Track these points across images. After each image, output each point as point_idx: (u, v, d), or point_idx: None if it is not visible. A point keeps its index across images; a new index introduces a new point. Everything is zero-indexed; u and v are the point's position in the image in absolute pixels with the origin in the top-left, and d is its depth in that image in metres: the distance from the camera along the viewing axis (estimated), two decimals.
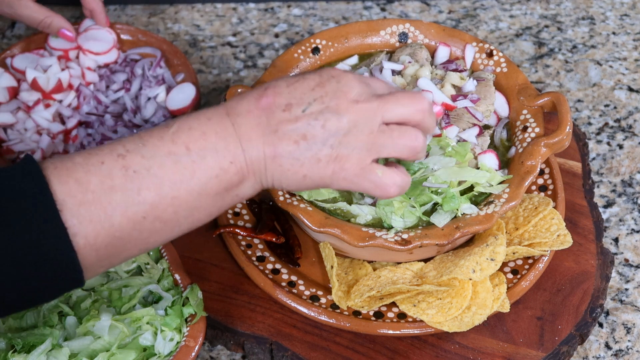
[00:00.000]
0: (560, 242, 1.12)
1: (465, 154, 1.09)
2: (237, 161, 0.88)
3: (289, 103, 0.90)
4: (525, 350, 1.09)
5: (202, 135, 0.87)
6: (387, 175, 0.93)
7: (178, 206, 0.86)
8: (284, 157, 0.89)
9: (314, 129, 0.89)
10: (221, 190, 0.88)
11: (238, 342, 1.11)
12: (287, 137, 0.89)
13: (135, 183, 0.84)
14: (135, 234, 0.85)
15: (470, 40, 1.23)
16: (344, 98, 0.90)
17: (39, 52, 1.38)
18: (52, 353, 1.01)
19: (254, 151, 0.89)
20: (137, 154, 0.85)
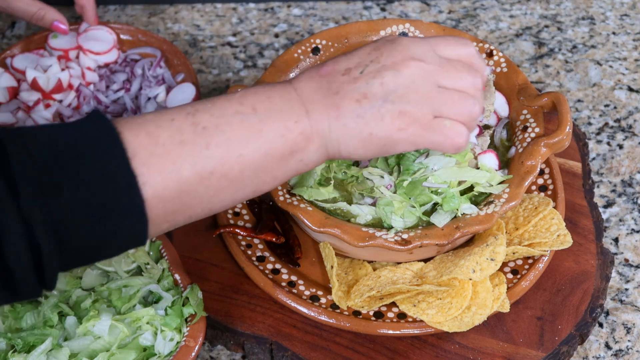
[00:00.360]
0: (560, 242, 1.12)
1: (465, 154, 1.09)
2: (302, 121, 0.89)
3: (348, 67, 0.92)
4: (525, 350, 1.09)
5: (267, 98, 0.90)
6: (454, 127, 0.93)
7: (244, 164, 0.87)
8: (347, 117, 0.90)
9: (373, 87, 0.90)
10: (286, 152, 0.89)
11: (238, 342, 1.11)
12: (348, 96, 0.90)
13: (204, 138, 0.86)
14: (202, 190, 0.86)
15: (470, 40, 1.23)
16: (400, 55, 0.92)
17: (39, 52, 1.38)
18: (52, 353, 1.01)
19: (317, 112, 0.90)
20: (205, 112, 0.87)
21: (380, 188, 1.08)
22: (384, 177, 1.09)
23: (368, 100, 0.90)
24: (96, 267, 1.11)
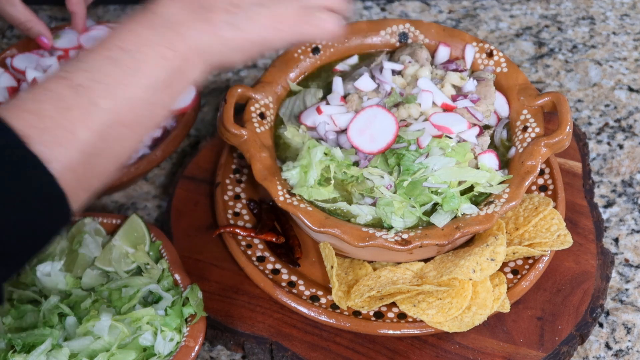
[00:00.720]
0: (561, 242, 1.12)
1: (465, 154, 1.09)
2: (176, 45, 0.88)
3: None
4: (525, 350, 1.09)
5: (132, 33, 0.87)
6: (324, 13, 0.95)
7: (135, 106, 0.86)
8: (221, 28, 0.90)
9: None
10: (169, 79, 0.88)
11: (238, 342, 1.11)
12: (217, 8, 0.90)
13: (87, 96, 0.83)
14: (105, 145, 0.84)
15: (471, 40, 1.23)
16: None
17: (39, 52, 1.38)
18: (52, 353, 1.01)
19: (189, 31, 0.89)
20: (77, 70, 0.85)
21: (380, 188, 1.08)
22: (384, 177, 1.09)
23: (240, 8, 0.91)
24: (96, 267, 1.11)
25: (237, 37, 0.91)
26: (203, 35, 0.89)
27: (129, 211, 1.27)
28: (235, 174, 1.24)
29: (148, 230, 1.14)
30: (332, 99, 1.16)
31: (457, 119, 1.11)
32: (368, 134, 1.09)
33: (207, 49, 0.90)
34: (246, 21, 0.91)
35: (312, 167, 1.08)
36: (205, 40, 0.90)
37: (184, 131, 1.28)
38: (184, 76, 0.89)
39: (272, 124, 1.16)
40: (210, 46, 0.90)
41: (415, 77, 1.17)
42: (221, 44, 0.91)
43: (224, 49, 0.91)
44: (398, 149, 1.09)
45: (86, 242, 1.12)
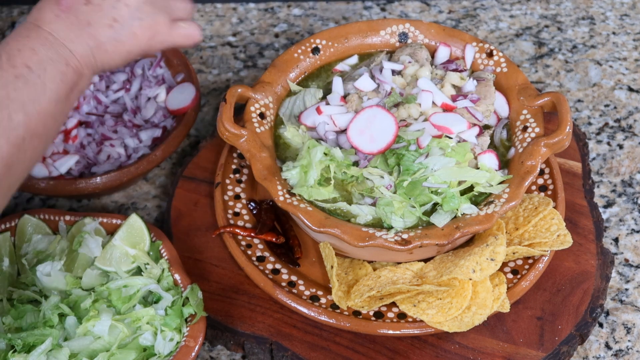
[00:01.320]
0: (560, 242, 1.12)
1: (465, 154, 1.09)
2: (71, 61, 0.97)
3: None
4: (525, 350, 1.09)
5: (33, 52, 0.95)
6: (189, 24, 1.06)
7: (45, 118, 0.95)
8: (105, 43, 1.00)
9: (120, 10, 1.00)
10: (69, 90, 0.97)
11: (238, 342, 1.11)
12: (100, 24, 1.00)
13: (4, 112, 0.91)
14: (22, 156, 0.92)
15: (470, 40, 1.23)
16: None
17: None
18: (52, 353, 1.01)
19: (79, 47, 0.98)
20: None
21: (380, 188, 1.08)
22: (384, 177, 1.09)
23: (119, 23, 1.00)
24: (96, 267, 1.11)
25: (119, 49, 1.01)
26: (89, 50, 0.99)
27: (129, 211, 1.27)
28: (235, 174, 1.24)
29: (148, 230, 1.14)
30: (332, 99, 1.16)
31: (457, 119, 1.11)
32: (368, 134, 1.09)
33: (95, 62, 1.00)
34: (127, 35, 1.01)
35: (312, 167, 1.08)
36: (92, 54, 0.99)
37: (184, 131, 1.28)
38: (79, 87, 0.99)
39: (272, 124, 1.16)
40: (98, 59, 1.00)
41: (415, 77, 1.17)
42: (107, 57, 1.01)
43: (109, 60, 1.01)
44: (398, 149, 1.09)
45: (86, 242, 1.12)
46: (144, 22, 1.02)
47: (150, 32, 1.03)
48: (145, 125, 1.31)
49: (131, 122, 1.31)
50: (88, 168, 1.27)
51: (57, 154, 1.28)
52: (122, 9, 1.01)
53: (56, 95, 0.96)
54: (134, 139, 1.29)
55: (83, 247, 1.12)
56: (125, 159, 1.28)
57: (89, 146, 1.29)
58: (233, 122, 1.10)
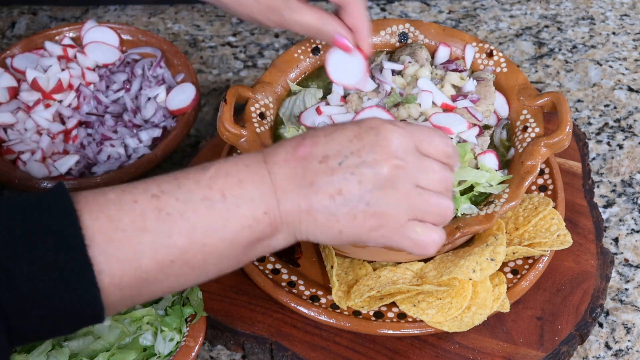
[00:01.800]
0: (560, 242, 1.12)
1: (465, 154, 1.09)
2: (271, 212, 0.86)
3: (326, 155, 0.87)
4: (525, 350, 1.09)
5: (238, 183, 0.85)
6: (425, 234, 0.90)
7: (208, 253, 0.84)
8: (319, 212, 0.86)
9: (350, 184, 0.86)
10: (253, 240, 0.86)
11: (238, 342, 1.11)
12: (322, 190, 0.86)
13: (168, 226, 0.82)
14: (162, 277, 0.83)
15: (470, 40, 1.23)
16: (382, 152, 0.87)
17: (38, 52, 1.38)
18: (52, 353, 1.01)
19: (288, 203, 0.86)
20: (171, 195, 0.83)
21: None
22: None
23: (343, 198, 0.86)
24: None
25: (331, 224, 0.87)
26: (300, 213, 0.86)
27: None
28: None
29: None
30: (332, 99, 1.16)
31: (457, 119, 1.11)
32: None
33: (299, 225, 0.87)
34: (346, 214, 0.86)
35: None
36: (300, 217, 0.87)
37: (184, 131, 1.28)
38: (267, 241, 0.87)
39: (272, 124, 1.16)
40: (303, 223, 0.87)
41: (415, 77, 1.17)
42: (313, 227, 0.87)
43: (315, 230, 0.88)
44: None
45: None
46: (370, 208, 0.86)
47: (373, 222, 0.87)
48: (145, 125, 1.31)
49: (131, 122, 1.31)
50: (88, 168, 1.27)
51: (57, 154, 1.28)
52: (353, 183, 0.85)
53: (234, 237, 0.84)
54: (134, 139, 1.29)
55: None
56: (125, 159, 1.28)
57: (89, 146, 1.29)
58: (233, 122, 1.10)
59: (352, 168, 0.86)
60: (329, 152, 0.87)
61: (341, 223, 0.87)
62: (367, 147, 0.87)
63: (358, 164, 0.86)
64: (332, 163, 0.86)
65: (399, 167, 0.87)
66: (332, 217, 0.86)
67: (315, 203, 0.86)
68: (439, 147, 0.91)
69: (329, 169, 0.86)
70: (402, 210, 0.88)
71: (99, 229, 0.80)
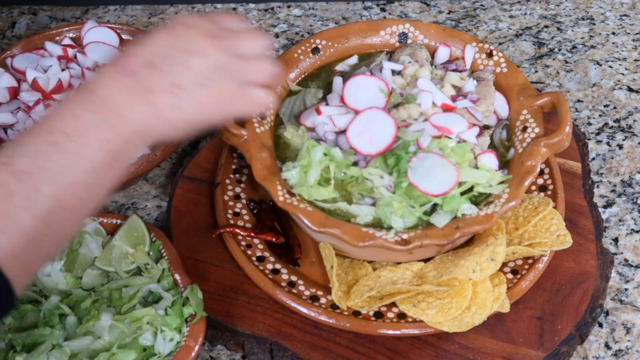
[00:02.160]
0: (560, 242, 1.12)
1: (464, 155, 1.09)
2: (119, 128, 0.88)
3: (149, 60, 0.91)
4: (525, 350, 1.09)
5: (75, 118, 0.87)
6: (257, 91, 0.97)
7: (80, 189, 0.86)
8: (164, 110, 0.90)
9: (184, 75, 0.91)
10: (111, 160, 0.88)
11: (238, 342, 1.11)
12: (160, 89, 0.90)
13: (30, 182, 0.82)
14: (48, 230, 0.84)
15: (470, 40, 1.23)
16: (198, 37, 0.93)
17: (39, 52, 1.38)
18: (53, 353, 1.01)
19: (133, 114, 0.89)
20: (19, 155, 0.84)
21: (380, 189, 1.08)
22: (383, 177, 1.09)
23: (182, 90, 0.91)
24: (96, 267, 1.11)
25: (178, 117, 0.92)
26: (145, 117, 0.89)
27: (129, 211, 1.27)
28: (235, 174, 1.24)
29: (148, 230, 1.14)
30: (332, 99, 1.16)
31: (457, 119, 1.11)
32: (367, 136, 1.09)
33: (148, 130, 0.91)
34: (187, 102, 0.91)
35: (312, 167, 1.08)
36: (147, 122, 0.90)
37: None
38: (125, 157, 0.90)
39: (272, 124, 1.16)
40: (151, 127, 0.91)
41: (415, 77, 1.17)
42: (162, 125, 0.91)
43: (164, 129, 0.92)
44: (397, 149, 1.09)
45: (86, 242, 1.12)
46: (209, 89, 0.93)
47: (216, 100, 0.94)
48: None
49: None
50: None
51: None
52: (184, 73, 0.91)
53: (94, 165, 0.86)
54: None
55: (83, 247, 1.12)
56: None
57: None
58: (233, 122, 1.10)
59: (179, 60, 0.91)
60: (150, 56, 0.91)
61: (187, 112, 0.92)
62: (182, 37, 0.93)
63: (182, 54, 0.92)
64: (160, 64, 0.91)
65: (217, 46, 0.93)
66: (177, 110, 0.91)
67: (158, 103, 0.90)
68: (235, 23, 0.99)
69: (158, 70, 0.90)
70: (233, 81, 0.94)
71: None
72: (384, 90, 1.14)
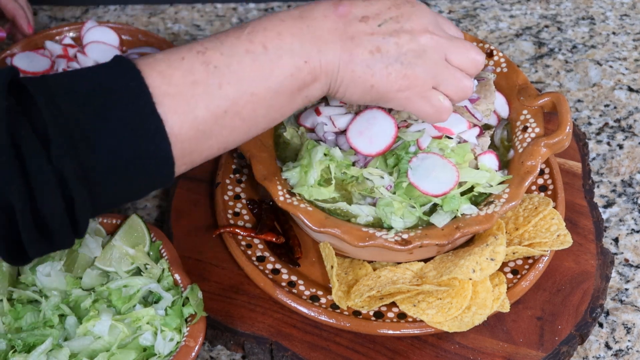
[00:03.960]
0: (560, 242, 1.12)
1: (464, 155, 1.09)
2: (312, 61, 0.91)
3: (366, 15, 0.94)
4: (525, 350, 1.09)
5: (277, 36, 0.90)
6: (446, 101, 0.99)
7: (256, 103, 0.89)
8: (357, 64, 0.93)
9: (389, 44, 0.93)
10: (295, 89, 0.91)
11: (238, 342, 1.11)
12: (363, 45, 0.93)
13: (217, 78, 0.86)
14: (217, 129, 0.88)
15: (470, 40, 1.23)
16: (418, 23, 0.95)
17: (39, 51, 1.38)
18: (52, 353, 1.01)
19: (329, 53, 0.92)
20: (216, 51, 0.88)
21: (380, 189, 1.08)
22: (384, 177, 1.09)
23: (381, 55, 0.93)
24: (96, 267, 1.11)
25: (366, 78, 0.94)
26: (339, 63, 0.92)
27: (129, 211, 1.27)
28: (235, 174, 1.24)
29: (148, 230, 1.14)
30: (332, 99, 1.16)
31: (457, 119, 1.11)
32: (367, 136, 1.09)
33: (336, 75, 0.93)
34: (381, 70, 0.94)
35: (312, 166, 1.08)
36: (339, 67, 0.93)
37: None
38: (307, 90, 0.93)
39: None
40: (341, 74, 0.93)
41: None
42: (350, 78, 0.94)
43: (350, 82, 0.94)
44: (397, 149, 1.09)
45: (86, 242, 1.12)
46: (405, 69, 0.94)
47: (404, 82, 0.95)
48: None
49: None
50: None
51: None
52: (391, 44, 0.94)
53: (279, 87, 0.90)
54: None
55: (83, 247, 1.12)
56: None
57: None
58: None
59: (391, 31, 0.94)
60: (368, 13, 0.94)
61: (375, 78, 0.94)
62: (404, 15, 0.95)
63: (397, 29, 0.94)
64: (372, 24, 0.94)
65: (432, 39, 0.96)
66: (368, 71, 0.93)
67: (355, 55, 0.92)
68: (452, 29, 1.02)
69: (369, 28, 0.93)
70: (430, 77, 0.96)
71: (152, 84, 0.83)
72: None
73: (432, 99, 0.98)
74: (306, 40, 0.91)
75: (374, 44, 0.93)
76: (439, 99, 0.98)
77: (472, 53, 0.99)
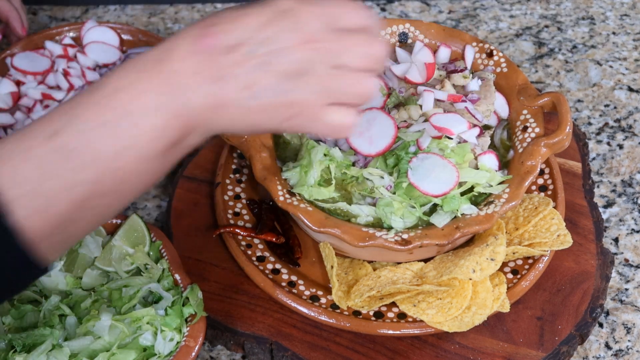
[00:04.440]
0: (560, 242, 1.12)
1: (464, 155, 1.09)
2: (181, 115, 0.80)
3: (233, 44, 0.81)
4: (525, 350, 1.09)
5: (138, 96, 0.79)
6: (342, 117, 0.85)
7: (123, 177, 0.80)
8: (231, 106, 0.81)
9: (261, 75, 0.81)
10: (167, 148, 0.81)
11: (238, 342, 1.11)
12: (233, 83, 0.80)
13: (74, 162, 0.78)
14: (83, 214, 0.80)
15: (470, 40, 1.23)
16: (296, 36, 0.81)
17: (39, 51, 1.38)
18: (52, 353, 1.01)
19: (198, 101, 0.80)
20: (70, 129, 0.78)
21: (380, 189, 1.08)
22: (384, 177, 1.09)
23: (254, 91, 0.81)
24: (96, 267, 1.11)
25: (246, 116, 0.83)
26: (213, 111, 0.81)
27: (129, 211, 1.27)
28: (235, 174, 1.24)
29: (148, 230, 1.14)
30: None
31: (457, 119, 1.11)
32: (367, 136, 1.09)
33: (212, 122, 0.82)
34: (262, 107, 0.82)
35: (312, 166, 1.08)
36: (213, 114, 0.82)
37: None
38: (184, 144, 0.83)
39: None
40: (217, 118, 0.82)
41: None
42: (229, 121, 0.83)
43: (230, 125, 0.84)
44: (397, 149, 1.09)
45: (86, 242, 1.12)
46: (286, 97, 0.81)
47: (289, 111, 0.82)
48: None
49: None
50: None
51: None
52: (266, 74, 0.81)
53: (148, 152, 0.79)
54: None
55: (83, 247, 1.12)
56: None
57: None
58: None
59: (263, 57, 0.81)
60: (237, 40, 0.81)
61: (254, 115, 0.82)
62: (279, 32, 0.81)
63: (269, 51, 0.81)
64: (241, 52, 0.80)
65: (313, 50, 0.81)
66: (244, 110, 0.82)
67: (225, 98, 0.81)
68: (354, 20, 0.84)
69: (238, 57, 0.80)
70: (317, 96, 0.83)
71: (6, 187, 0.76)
72: (383, 90, 1.14)
73: (326, 119, 0.84)
74: (169, 93, 0.79)
75: (244, 79, 0.80)
76: (333, 118, 0.84)
77: (368, 48, 0.84)
